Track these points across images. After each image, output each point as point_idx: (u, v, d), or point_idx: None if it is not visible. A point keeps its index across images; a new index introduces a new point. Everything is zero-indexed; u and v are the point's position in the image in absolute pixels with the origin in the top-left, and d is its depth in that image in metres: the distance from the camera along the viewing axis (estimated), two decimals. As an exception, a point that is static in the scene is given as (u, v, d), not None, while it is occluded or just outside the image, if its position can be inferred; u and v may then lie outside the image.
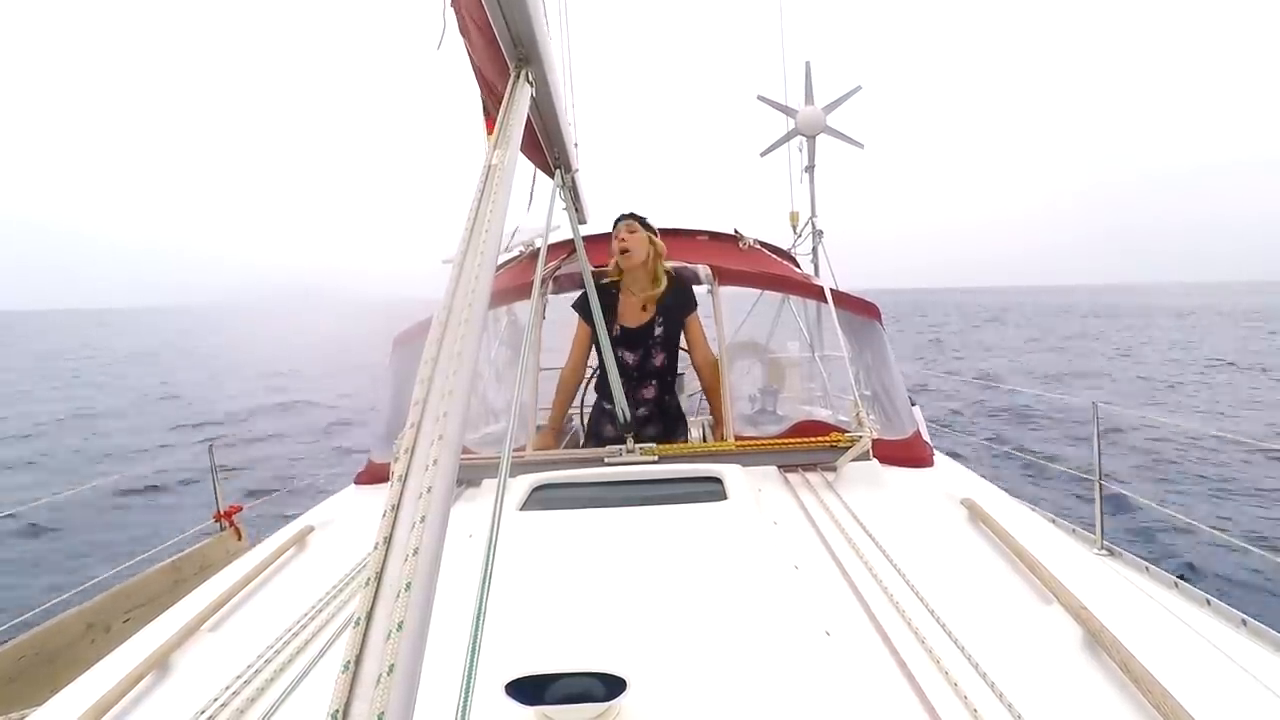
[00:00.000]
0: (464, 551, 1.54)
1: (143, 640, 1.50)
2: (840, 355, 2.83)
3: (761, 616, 1.29)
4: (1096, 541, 3.61)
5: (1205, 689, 1.09)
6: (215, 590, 1.70)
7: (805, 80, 6.36)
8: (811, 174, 6.20)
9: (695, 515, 1.82)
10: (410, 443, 0.67)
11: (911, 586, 1.48)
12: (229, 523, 4.10)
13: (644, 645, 1.21)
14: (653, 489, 2.11)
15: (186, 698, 1.24)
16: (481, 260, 0.84)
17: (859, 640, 1.29)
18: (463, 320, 0.78)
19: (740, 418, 2.94)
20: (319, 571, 1.80)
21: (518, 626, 1.27)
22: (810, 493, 2.13)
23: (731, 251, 3.68)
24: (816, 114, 6.23)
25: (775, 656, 1.16)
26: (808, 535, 1.80)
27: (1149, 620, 1.36)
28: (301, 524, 2.22)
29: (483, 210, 0.93)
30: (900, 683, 1.15)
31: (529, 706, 0.96)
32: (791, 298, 4.03)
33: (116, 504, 8.73)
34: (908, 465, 2.48)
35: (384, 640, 0.51)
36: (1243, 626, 2.57)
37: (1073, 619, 1.28)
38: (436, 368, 0.73)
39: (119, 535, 7.51)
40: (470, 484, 2.36)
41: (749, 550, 1.58)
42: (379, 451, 2.78)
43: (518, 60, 1.25)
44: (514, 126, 1.10)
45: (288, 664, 1.35)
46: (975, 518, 1.88)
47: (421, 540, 0.58)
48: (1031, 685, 1.12)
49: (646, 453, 2.35)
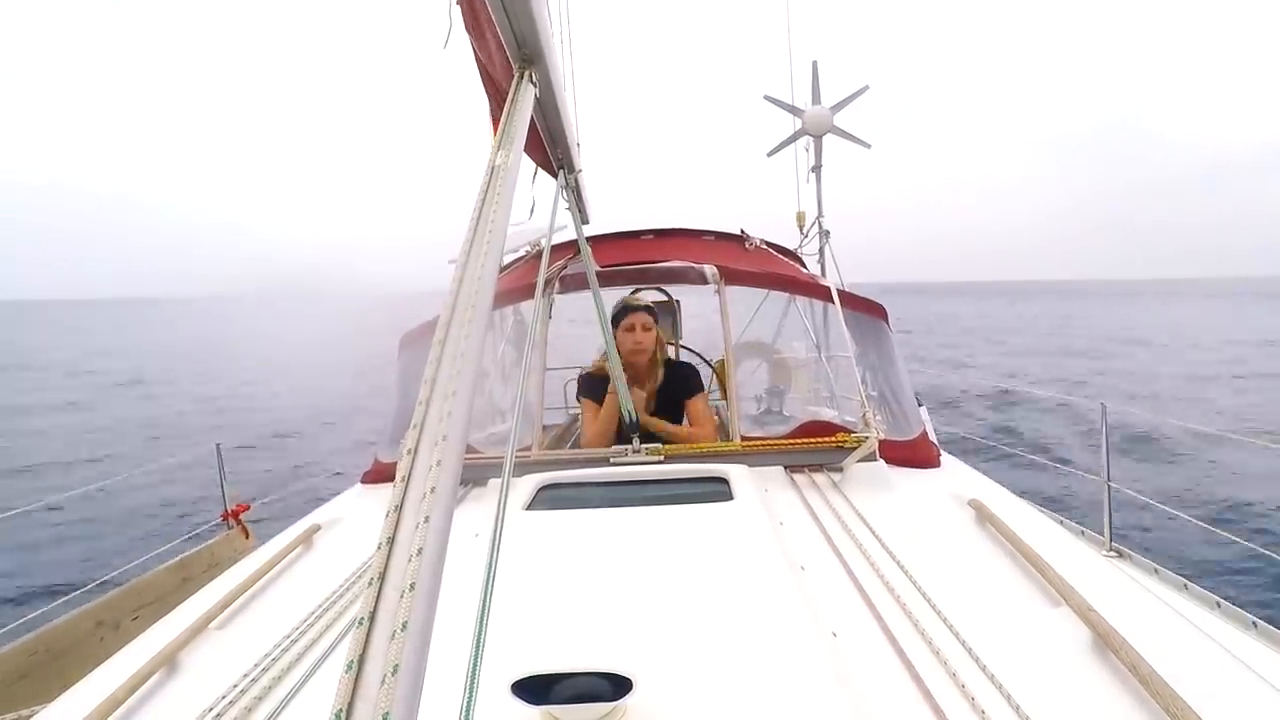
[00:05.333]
0: (469, 551, 1.54)
1: (151, 638, 1.51)
2: (846, 355, 2.82)
3: (767, 617, 1.29)
4: (1105, 543, 3.58)
5: (1215, 691, 1.08)
6: (223, 589, 1.71)
7: (812, 80, 6.35)
8: (818, 174, 6.19)
9: (701, 515, 1.81)
10: (414, 443, 0.67)
11: (918, 588, 1.47)
12: (236, 522, 4.13)
13: (650, 645, 1.21)
14: (658, 489, 2.10)
15: (194, 696, 1.25)
16: (485, 260, 0.84)
17: (865, 641, 1.28)
18: (466, 320, 0.78)
19: (746, 418, 2.94)
20: (325, 571, 1.81)
21: (523, 626, 1.27)
22: (816, 493, 2.13)
23: (738, 252, 3.68)
24: (823, 114, 6.22)
25: (781, 657, 1.16)
26: (814, 536, 1.79)
27: (1158, 622, 1.34)
28: (308, 523, 2.22)
29: (486, 210, 0.93)
30: (907, 684, 1.15)
31: (535, 706, 0.96)
32: (797, 298, 4.02)
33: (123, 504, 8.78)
34: (914, 466, 2.47)
35: (388, 640, 0.51)
36: (1253, 629, 2.55)
37: (1081, 621, 1.27)
38: (440, 368, 0.73)
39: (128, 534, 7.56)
40: (476, 484, 2.36)
41: (755, 551, 1.58)
42: (386, 450, 2.79)
43: (521, 60, 1.25)
44: (518, 127, 1.10)
45: (295, 663, 1.35)
46: (982, 519, 1.87)
47: (425, 540, 0.58)
48: (1040, 687, 1.11)
49: (652, 453, 2.35)
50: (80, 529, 8.02)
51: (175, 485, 9.14)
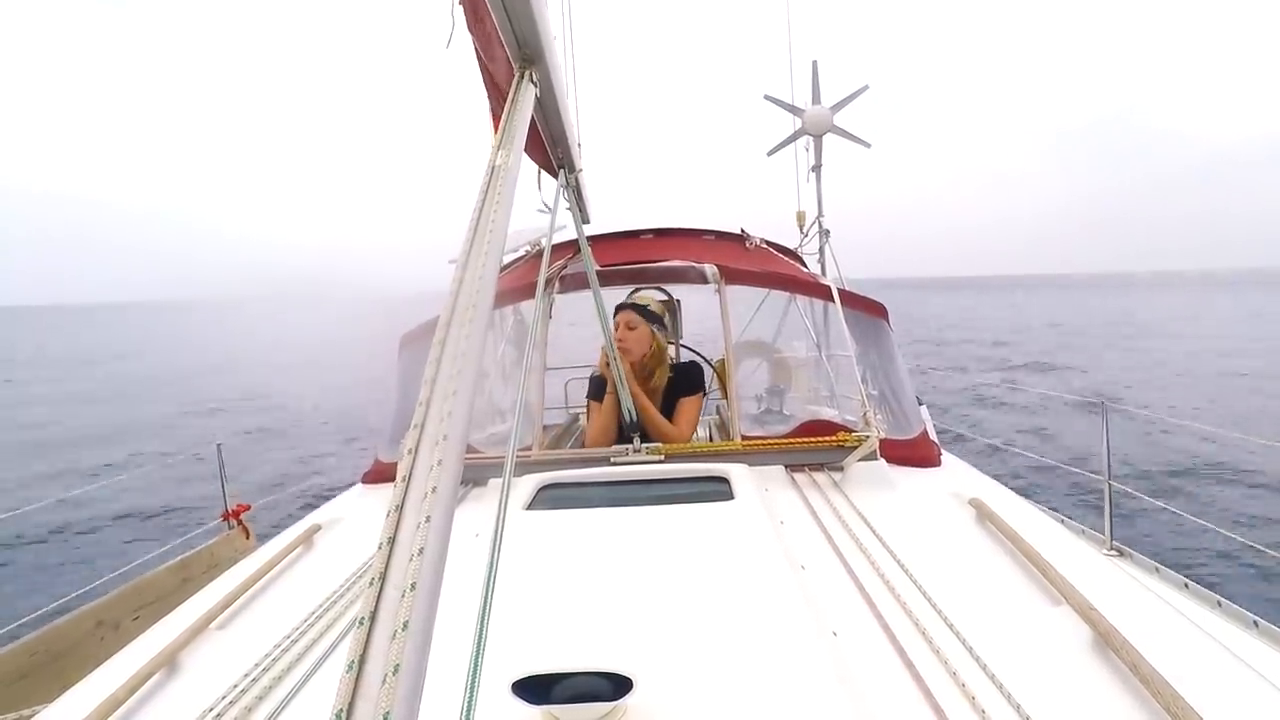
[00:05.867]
0: (470, 551, 1.54)
1: (151, 638, 1.51)
2: (847, 355, 2.82)
3: (768, 617, 1.29)
4: (1106, 542, 3.59)
5: (1216, 691, 1.08)
6: (223, 589, 1.71)
7: (812, 80, 6.35)
8: (818, 173, 6.18)
9: (701, 515, 1.81)
10: (414, 443, 0.67)
11: (919, 587, 1.47)
12: (237, 522, 4.13)
13: (650, 645, 1.21)
14: (659, 489, 2.10)
15: (195, 696, 1.25)
16: (486, 260, 0.84)
17: (866, 641, 1.28)
18: (467, 320, 0.78)
19: (747, 417, 2.93)
20: (326, 571, 1.81)
21: (523, 626, 1.27)
22: (817, 493, 2.13)
23: (738, 251, 3.68)
24: (823, 113, 6.22)
25: (782, 657, 1.16)
26: (814, 535, 1.79)
27: (1159, 621, 1.34)
28: (308, 523, 2.22)
29: (487, 210, 0.93)
30: (908, 684, 1.15)
31: (535, 706, 0.96)
32: (798, 297, 4.03)
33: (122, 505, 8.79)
34: (915, 465, 2.47)
35: (389, 640, 0.51)
36: (1254, 628, 2.55)
37: (1082, 620, 1.27)
38: (441, 368, 0.73)
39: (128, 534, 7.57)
40: (476, 483, 2.36)
41: (755, 550, 1.58)
42: (386, 450, 2.79)
43: (522, 60, 1.25)
44: (518, 126, 1.10)
45: (295, 663, 1.35)
46: (983, 518, 1.87)
47: (426, 540, 0.58)
48: (1040, 687, 1.11)
49: (653, 452, 2.35)
50: (80, 529, 8.02)
51: (176, 485, 9.15)
